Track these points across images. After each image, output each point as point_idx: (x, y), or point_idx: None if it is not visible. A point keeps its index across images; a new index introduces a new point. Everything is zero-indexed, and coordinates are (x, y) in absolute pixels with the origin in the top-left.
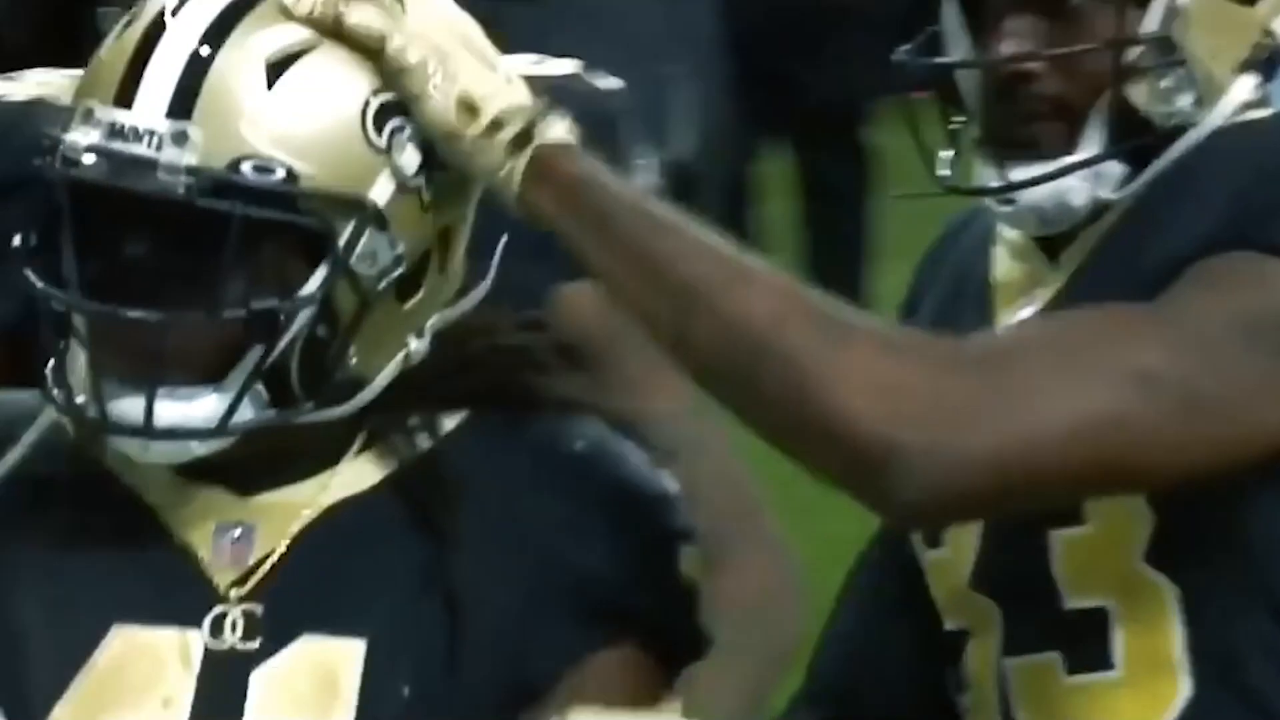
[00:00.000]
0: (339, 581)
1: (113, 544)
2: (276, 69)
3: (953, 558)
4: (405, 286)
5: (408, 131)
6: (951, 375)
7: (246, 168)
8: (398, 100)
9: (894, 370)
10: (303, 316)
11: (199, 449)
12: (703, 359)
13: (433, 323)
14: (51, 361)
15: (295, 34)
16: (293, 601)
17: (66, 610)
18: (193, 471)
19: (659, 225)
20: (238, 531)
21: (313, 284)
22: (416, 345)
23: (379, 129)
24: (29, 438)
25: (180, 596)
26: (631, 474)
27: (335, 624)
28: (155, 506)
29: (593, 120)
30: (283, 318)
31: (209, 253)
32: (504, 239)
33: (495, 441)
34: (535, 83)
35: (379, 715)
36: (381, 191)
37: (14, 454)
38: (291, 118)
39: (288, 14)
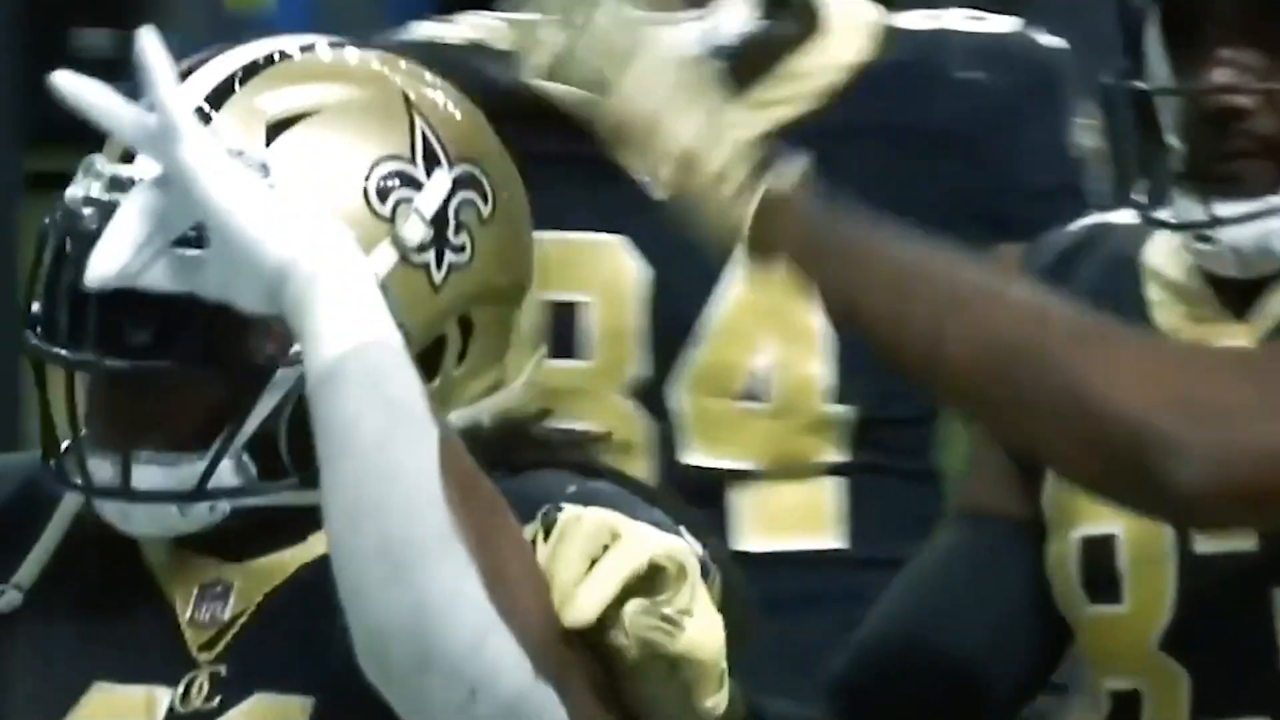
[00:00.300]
0: (296, 640)
1: (108, 600)
2: (277, 129)
3: (1134, 615)
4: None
5: (415, 204)
6: (1226, 372)
7: None
8: (405, 171)
9: (1168, 366)
10: (287, 378)
11: (182, 525)
12: (961, 369)
13: (456, 417)
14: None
15: (302, 97)
16: (251, 661)
17: (54, 661)
18: (191, 536)
19: (901, 245)
20: (216, 590)
21: (299, 344)
22: None
23: (383, 198)
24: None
25: (155, 656)
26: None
27: (286, 683)
28: (153, 567)
29: (1034, 79)
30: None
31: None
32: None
33: None
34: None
35: None
36: (381, 260)
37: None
38: (287, 177)
39: (298, 78)
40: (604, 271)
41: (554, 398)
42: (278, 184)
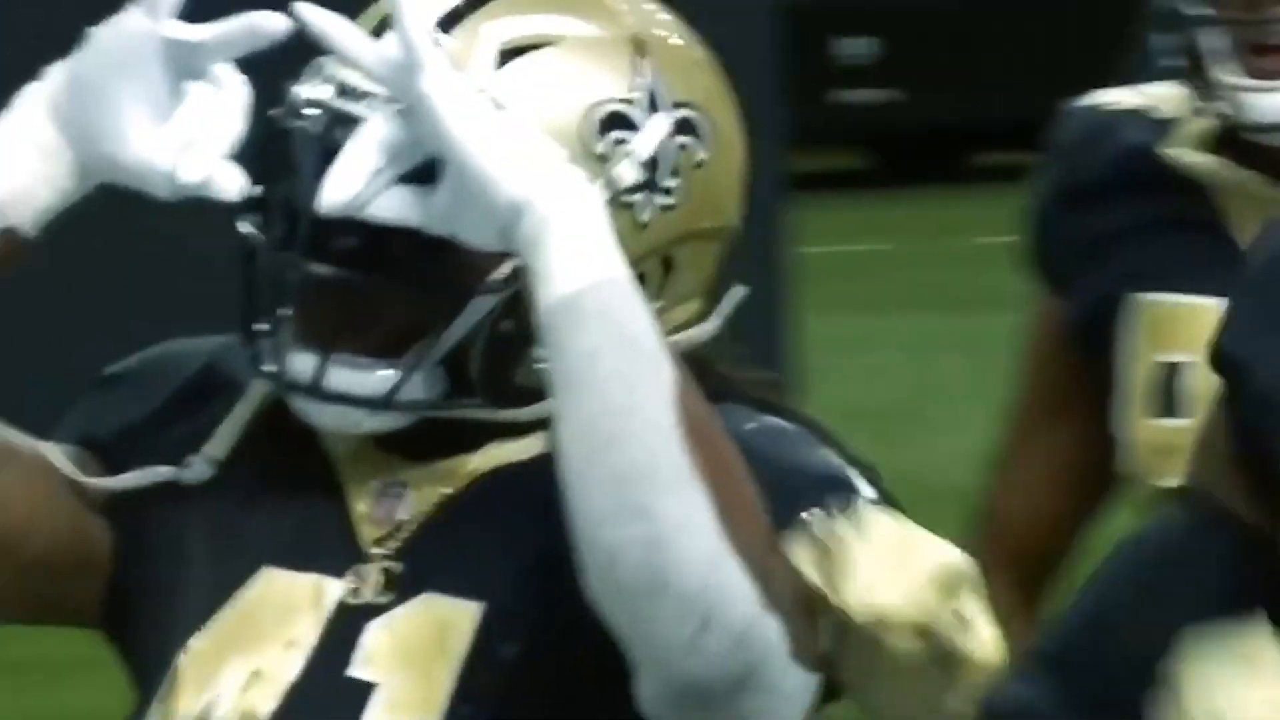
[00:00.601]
0: (470, 547)
1: (288, 488)
2: (508, 54)
3: None
4: None
5: (630, 146)
6: None
7: None
8: (624, 113)
9: None
10: (483, 304)
11: (367, 423)
12: None
13: None
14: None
15: (535, 26)
16: (424, 561)
17: (229, 545)
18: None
19: None
20: (393, 490)
21: (500, 271)
22: None
23: (599, 137)
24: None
25: (328, 546)
26: (798, 454)
27: (457, 587)
28: (336, 460)
29: None
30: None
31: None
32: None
33: None
34: None
35: (480, 676)
36: None
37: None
38: (512, 102)
39: (529, 7)
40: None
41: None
42: (517, 119)
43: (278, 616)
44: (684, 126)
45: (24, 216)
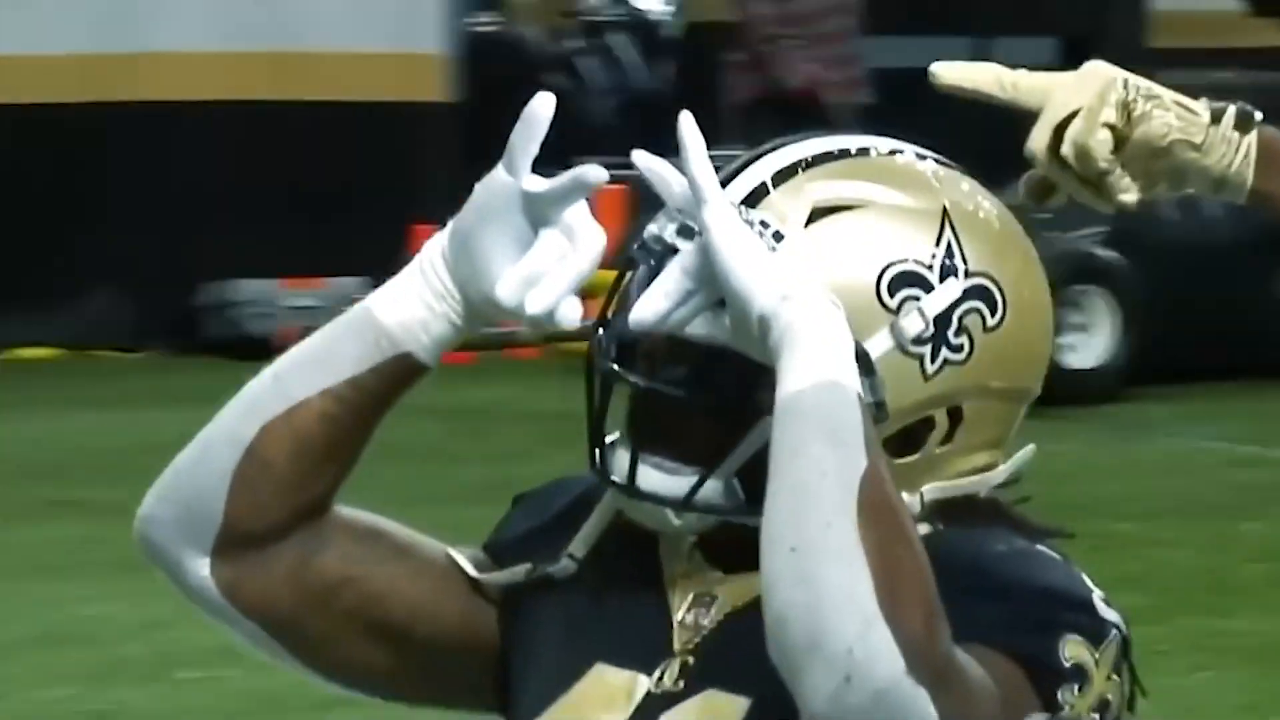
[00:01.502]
0: (753, 647)
1: (626, 591)
2: (820, 213)
3: None
4: (900, 444)
5: (921, 303)
6: None
7: None
8: (920, 274)
9: None
10: (769, 422)
11: (673, 520)
12: None
13: (930, 488)
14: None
15: (850, 191)
16: (713, 659)
17: (573, 637)
18: (702, 547)
19: None
20: (706, 599)
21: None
22: (906, 499)
23: (893, 291)
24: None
25: (648, 646)
26: (1046, 576)
27: (734, 682)
28: (665, 568)
29: None
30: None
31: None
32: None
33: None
34: None
35: None
36: (878, 344)
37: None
38: (817, 256)
39: (853, 174)
40: None
41: None
42: (787, 250)
43: (600, 706)
44: (977, 293)
45: (416, 345)
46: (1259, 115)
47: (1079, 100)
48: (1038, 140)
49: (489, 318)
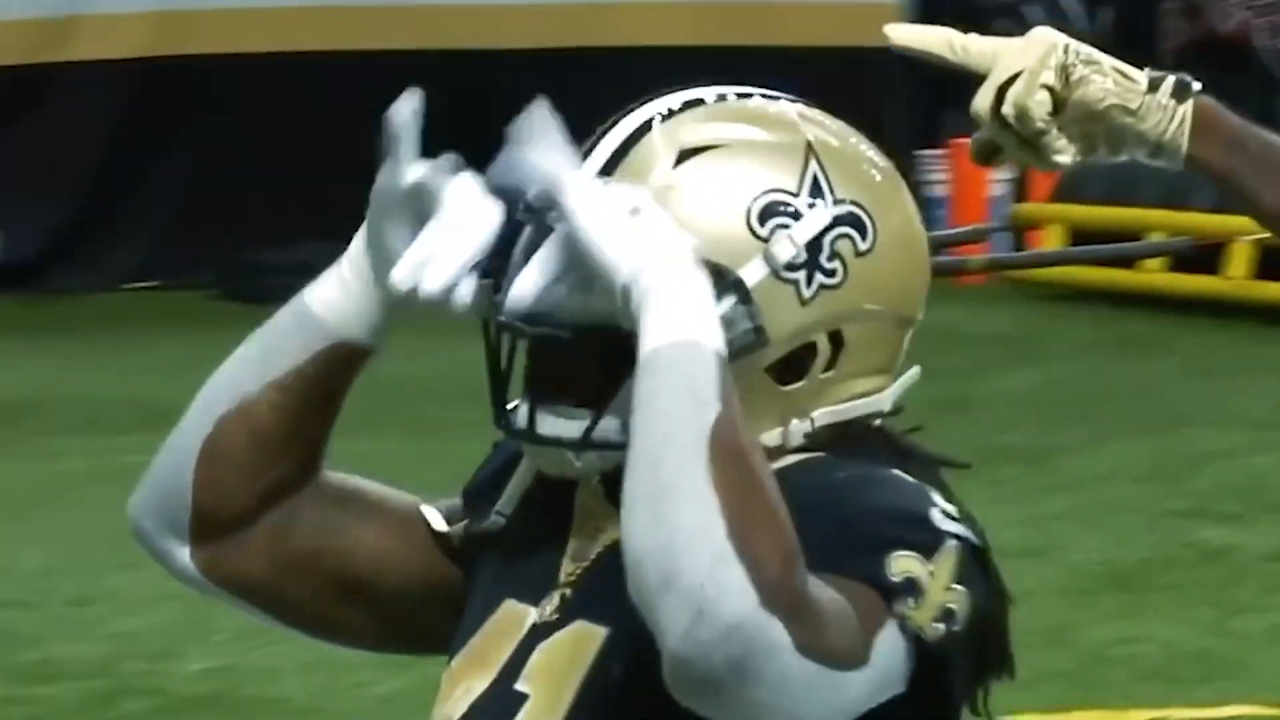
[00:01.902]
0: (619, 578)
1: (538, 534)
2: (687, 155)
3: None
4: (785, 371)
5: (791, 230)
6: None
7: None
8: (788, 203)
9: None
10: None
11: (575, 462)
12: None
13: (820, 414)
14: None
15: (720, 132)
16: (587, 591)
17: (495, 582)
18: (606, 486)
19: None
20: (595, 531)
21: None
22: (795, 426)
23: (763, 221)
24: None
25: (544, 580)
26: (881, 498)
27: (599, 613)
28: (577, 514)
29: None
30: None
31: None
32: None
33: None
34: None
35: (593, 693)
36: (752, 272)
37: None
38: (683, 195)
39: (720, 117)
40: None
41: None
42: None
43: (501, 637)
44: (846, 219)
45: (350, 333)
46: (1197, 85)
47: (1022, 63)
48: (981, 101)
49: (411, 301)
